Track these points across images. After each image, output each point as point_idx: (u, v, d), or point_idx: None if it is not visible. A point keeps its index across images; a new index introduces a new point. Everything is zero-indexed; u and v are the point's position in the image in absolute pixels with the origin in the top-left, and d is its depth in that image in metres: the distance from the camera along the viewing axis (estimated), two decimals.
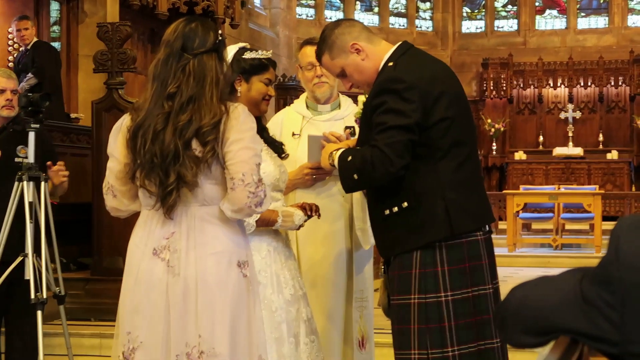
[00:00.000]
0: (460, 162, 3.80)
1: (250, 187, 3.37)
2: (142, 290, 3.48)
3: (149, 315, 3.45)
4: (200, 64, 3.50)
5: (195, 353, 3.38)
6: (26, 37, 10.06)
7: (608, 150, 19.28)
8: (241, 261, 3.49)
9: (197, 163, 3.40)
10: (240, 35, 14.77)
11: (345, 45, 3.94)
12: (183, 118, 3.41)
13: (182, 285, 3.41)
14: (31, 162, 5.52)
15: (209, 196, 3.46)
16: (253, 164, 3.40)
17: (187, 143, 3.40)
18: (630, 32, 20.64)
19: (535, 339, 1.97)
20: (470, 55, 20.89)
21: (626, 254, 1.81)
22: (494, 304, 3.83)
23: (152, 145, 3.43)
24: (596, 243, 13.86)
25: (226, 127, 3.41)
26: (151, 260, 3.47)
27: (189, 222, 3.46)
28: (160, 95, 3.47)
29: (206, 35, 3.55)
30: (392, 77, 3.77)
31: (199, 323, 3.39)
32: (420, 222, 3.75)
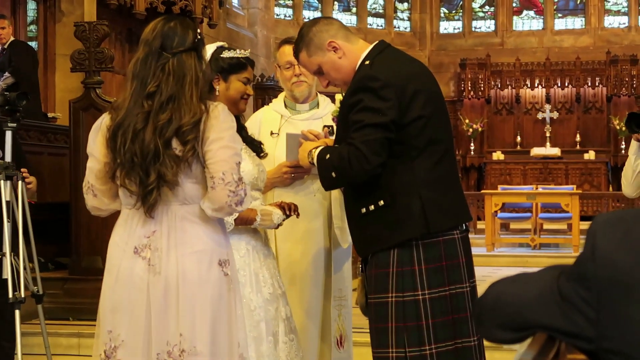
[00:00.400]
0: (436, 160, 3.81)
1: (231, 185, 3.37)
2: (122, 289, 3.48)
3: (130, 313, 3.45)
4: (180, 62, 3.49)
5: (177, 351, 3.38)
6: (3, 36, 10.01)
7: (585, 150, 19.36)
8: (222, 260, 3.49)
9: (178, 162, 3.39)
10: (218, 35, 14.75)
11: (323, 42, 3.94)
12: (163, 117, 3.41)
13: (163, 283, 3.41)
14: (8, 161, 5.49)
15: (190, 195, 3.46)
16: (233, 162, 3.40)
17: (167, 142, 3.39)
18: (607, 33, 20.74)
19: (512, 335, 1.98)
20: (448, 56, 20.94)
21: (602, 250, 1.82)
22: (471, 302, 3.84)
23: (132, 145, 3.42)
24: (574, 243, 13.91)
25: (206, 126, 3.41)
26: (132, 259, 3.47)
27: (170, 221, 3.46)
28: (140, 94, 3.47)
29: (185, 34, 3.54)
30: (368, 75, 3.78)
31: (180, 322, 3.39)
32: (397, 220, 3.76)
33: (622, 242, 1.81)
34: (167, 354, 3.38)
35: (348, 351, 4.91)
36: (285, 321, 4.16)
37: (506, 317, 1.97)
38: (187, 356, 3.37)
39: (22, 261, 5.51)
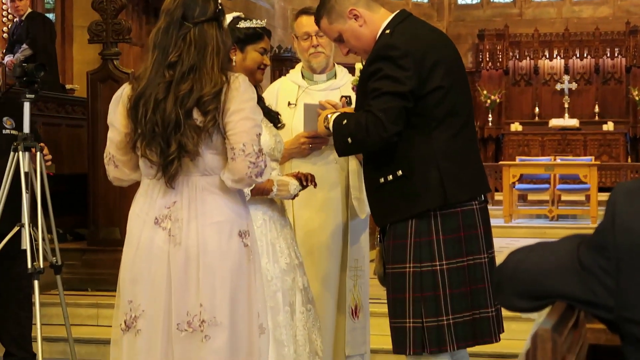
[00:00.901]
0: (455, 131, 3.81)
1: (251, 157, 3.37)
2: (143, 260, 3.49)
3: (150, 284, 3.46)
4: (201, 32, 3.48)
5: (197, 322, 3.39)
6: (20, 8, 10.01)
7: (604, 121, 19.25)
8: (242, 231, 3.50)
9: (198, 132, 3.39)
10: (235, 6, 14.70)
11: (344, 10, 3.93)
12: (184, 87, 3.41)
13: (183, 254, 3.42)
14: (27, 132, 5.51)
15: (210, 166, 3.46)
16: (254, 134, 3.40)
17: (188, 112, 3.39)
18: (627, 3, 20.56)
19: (530, 304, 1.97)
20: (466, 27, 20.82)
21: (622, 219, 1.81)
22: (489, 273, 3.84)
23: (153, 115, 3.42)
24: (592, 214, 13.86)
25: (227, 98, 3.40)
26: (152, 230, 3.48)
27: (190, 191, 3.46)
28: (161, 64, 3.46)
29: (206, 3, 3.53)
30: (388, 44, 3.77)
31: (200, 292, 3.40)
32: (415, 191, 3.76)
33: None
34: (187, 324, 3.39)
35: (363, 321, 4.91)
36: (303, 291, 4.17)
37: (525, 286, 1.97)
38: (207, 327, 3.38)
39: (40, 232, 5.54)
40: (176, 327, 3.41)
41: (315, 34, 4.79)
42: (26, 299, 5.82)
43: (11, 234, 5.47)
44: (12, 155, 5.47)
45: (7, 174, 5.48)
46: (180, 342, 3.40)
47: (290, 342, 4.05)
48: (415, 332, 3.77)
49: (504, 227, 13.64)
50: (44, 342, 5.60)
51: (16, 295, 5.82)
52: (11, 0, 10.07)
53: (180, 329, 3.40)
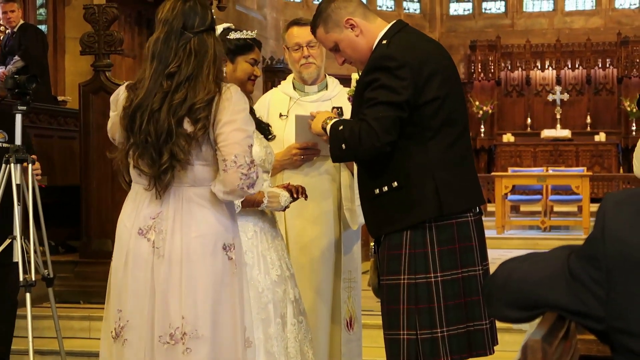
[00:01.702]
0: (450, 142, 3.80)
1: (243, 168, 3.36)
2: (128, 270, 3.49)
3: (136, 294, 3.47)
4: (201, 42, 3.50)
5: (179, 334, 3.39)
6: (12, 19, 10.00)
7: (596, 132, 19.30)
8: (227, 244, 3.50)
9: (189, 141, 3.40)
10: (227, 17, 14.72)
11: (341, 20, 3.92)
12: (178, 96, 3.41)
13: (166, 266, 3.42)
14: (18, 144, 5.50)
15: (199, 177, 3.46)
16: (245, 145, 3.40)
17: (180, 120, 3.40)
18: (618, 14, 20.64)
19: (522, 314, 1.97)
20: (458, 38, 20.86)
21: (612, 230, 1.81)
22: (481, 285, 3.83)
23: (147, 125, 3.43)
24: (584, 225, 13.87)
25: (218, 108, 3.40)
26: (137, 240, 3.48)
27: (176, 202, 3.46)
28: (160, 74, 3.47)
29: (205, 13, 3.55)
30: (385, 54, 3.76)
31: (182, 305, 3.40)
32: (410, 202, 3.74)
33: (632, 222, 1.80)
34: (169, 337, 3.39)
35: (357, 333, 4.90)
36: (294, 303, 4.16)
37: (516, 296, 1.97)
38: (189, 339, 3.38)
39: (32, 244, 5.53)
40: (158, 339, 3.41)
41: (307, 45, 4.79)
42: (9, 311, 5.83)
43: (3, 247, 5.45)
44: (4, 168, 5.46)
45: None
46: (162, 354, 3.41)
47: (282, 354, 4.04)
48: (409, 344, 3.75)
49: (497, 239, 13.63)
50: (36, 355, 5.58)
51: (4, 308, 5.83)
52: (3, 12, 10.07)
53: (162, 341, 3.40)
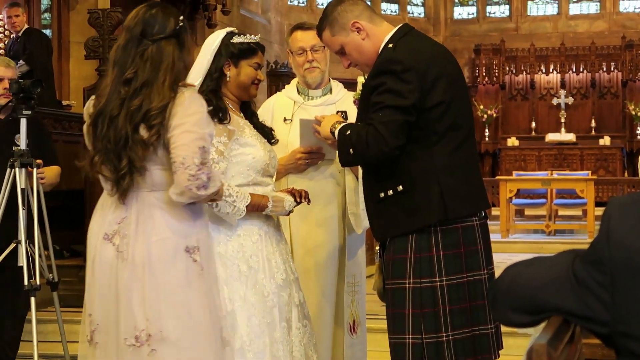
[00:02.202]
0: (456, 146, 3.79)
1: (191, 169, 3.38)
2: (96, 274, 3.57)
3: (102, 298, 3.54)
4: (159, 49, 3.54)
5: (144, 336, 3.44)
6: (17, 24, 10.02)
7: (600, 136, 19.28)
8: (190, 247, 3.53)
9: (144, 147, 3.45)
10: (231, 21, 14.74)
11: (347, 22, 3.92)
12: (135, 103, 3.47)
13: (129, 270, 3.47)
14: (23, 148, 5.51)
15: (157, 182, 3.51)
16: (195, 146, 3.41)
17: (136, 127, 3.45)
18: (622, 17, 20.62)
19: (527, 318, 1.97)
20: (462, 42, 20.86)
21: (616, 234, 1.81)
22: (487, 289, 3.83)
23: (107, 131, 3.50)
24: (589, 229, 13.86)
25: (171, 113, 3.44)
26: (103, 245, 3.55)
27: (139, 207, 3.52)
28: (119, 81, 3.53)
29: (166, 21, 3.58)
30: (391, 58, 3.75)
31: (146, 307, 3.45)
32: (415, 206, 3.74)
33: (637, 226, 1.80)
34: (135, 339, 3.44)
35: (361, 337, 4.90)
36: (299, 307, 4.15)
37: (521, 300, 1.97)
38: (154, 341, 3.44)
39: (37, 249, 5.53)
40: (124, 341, 3.46)
41: (310, 49, 4.79)
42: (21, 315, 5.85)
43: (7, 251, 5.46)
44: (9, 172, 5.47)
45: (3, 191, 5.48)
46: (128, 355, 3.46)
47: (287, 359, 4.04)
48: (414, 348, 3.75)
49: (501, 242, 13.63)
50: (41, 359, 5.59)
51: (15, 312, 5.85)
52: (8, 16, 10.09)
53: (128, 343, 3.46)
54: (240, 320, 3.92)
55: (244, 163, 4.05)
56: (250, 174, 4.07)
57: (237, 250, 4.00)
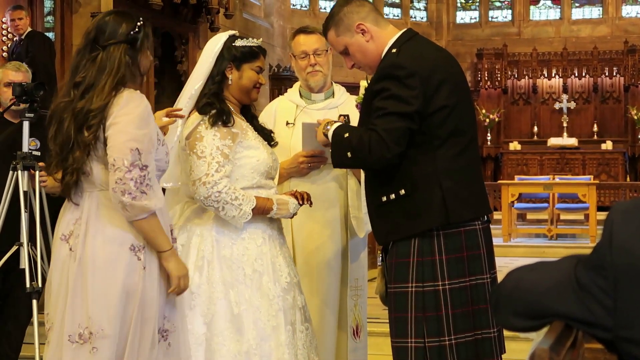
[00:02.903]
0: (458, 151, 3.80)
1: (119, 172, 3.43)
2: (52, 274, 3.66)
3: (56, 297, 3.63)
4: (107, 54, 3.61)
5: (87, 333, 3.50)
6: (20, 26, 10.03)
7: (602, 140, 19.27)
8: (136, 245, 3.56)
9: (84, 148, 3.52)
10: (234, 25, 14.74)
11: (352, 24, 3.93)
12: (79, 105, 3.54)
13: (77, 268, 3.54)
14: (26, 151, 5.51)
15: (103, 181, 3.57)
16: (126, 148, 3.44)
17: (80, 128, 3.53)
18: (625, 22, 20.62)
19: (529, 323, 1.97)
20: (464, 46, 20.86)
21: (619, 239, 1.81)
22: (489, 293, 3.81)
23: (58, 134, 3.60)
24: (591, 233, 13.86)
25: (108, 114, 3.51)
26: (60, 245, 3.64)
27: (90, 207, 3.59)
28: (69, 85, 3.63)
29: (117, 27, 3.65)
30: (395, 63, 3.76)
31: (88, 305, 3.50)
32: (417, 210, 3.75)
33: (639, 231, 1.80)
34: (79, 336, 3.50)
35: (364, 341, 4.90)
36: (301, 310, 4.16)
37: (523, 305, 1.97)
38: (95, 338, 3.49)
39: (39, 251, 5.53)
40: (68, 337, 3.53)
41: (313, 53, 4.80)
42: (26, 317, 5.86)
43: (9, 253, 5.47)
44: (12, 175, 5.48)
45: (5, 193, 5.49)
46: (71, 353, 3.53)
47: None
48: (417, 352, 3.75)
49: (503, 246, 13.62)
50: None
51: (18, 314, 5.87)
52: (11, 19, 10.09)
53: (72, 340, 3.52)
54: (246, 323, 3.92)
55: (248, 166, 4.06)
56: (255, 177, 4.07)
57: (241, 253, 4.00)
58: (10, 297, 5.84)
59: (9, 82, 5.96)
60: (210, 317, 3.90)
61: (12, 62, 6.42)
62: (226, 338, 3.88)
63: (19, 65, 6.18)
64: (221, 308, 3.91)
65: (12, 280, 5.73)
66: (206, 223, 4.03)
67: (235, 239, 4.01)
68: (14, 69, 6.06)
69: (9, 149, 5.64)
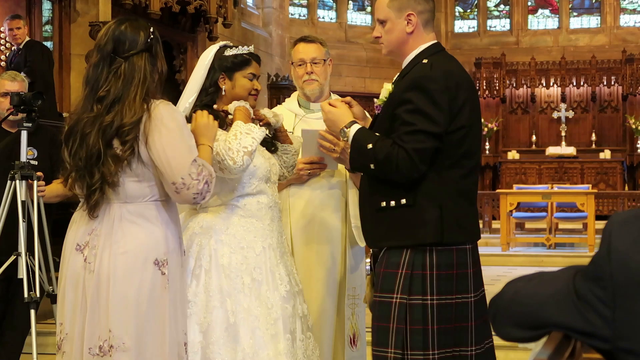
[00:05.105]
0: (465, 173, 3.80)
1: (193, 188, 3.52)
2: (67, 284, 3.65)
3: (71, 308, 3.62)
4: (131, 65, 3.59)
5: (107, 346, 3.51)
6: (18, 36, 10.03)
7: (601, 149, 19.30)
8: (160, 259, 3.59)
9: (116, 162, 3.51)
10: (232, 34, 14.77)
11: (406, 7, 3.87)
12: (107, 119, 3.52)
13: (95, 281, 3.54)
14: (23, 160, 5.51)
15: (131, 194, 3.57)
16: (188, 163, 3.51)
17: (109, 142, 3.51)
18: (623, 31, 20.66)
19: (527, 333, 1.97)
20: (463, 55, 20.87)
21: (618, 249, 1.81)
22: (474, 313, 3.83)
23: (79, 149, 3.57)
24: (589, 242, 13.87)
25: (146, 128, 3.50)
26: (73, 255, 3.63)
27: (109, 220, 3.58)
28: (90, 99, 3.59)
29: (136, 35, 3.63)
30: (428, 75, 3.73)
31: (109, 318, 3.51)
32: (413, 222, 3.74)
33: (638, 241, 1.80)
34: (99, 349, 3.51)
35: (361, 350, 4.90)
36: (302, 319, 4.15)
37: (522, 316, 1.96)
38: (115, 352, 3.50)
39: (37, 261, 5.53)
40: (88, 351, 3.53)
41: (310, 61, 4.80)
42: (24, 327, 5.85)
43: (7, 263, 5.47)
44: (9, 184, 5.48)
45: (4, 203, 5.49)
46: None
47: None
48: None
49: (502, 256, 13.63)
50: None
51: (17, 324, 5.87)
52: (9, 29, 10.10)
53: (92, 353, 3.53)
54: (242, 332, 3.92)
55: (246, 173, 4.05)
56: (253, 183, 4.08)
57: (240, 262, 4.00)
58: (9, 306, 5.84)
59: (5, 92, 5.97)
60: (206, 326, 3.90)
61: (8, 72, 6.42)
62: (221, 347, 3.88)
63: (15, 75, 6.18)
64: (217, 317, 3.91)
65: (13, 290, 5.74)
66: (206, 232, 4.04)
67: (234, 248, 4.02)
68: (10, 78, 6.06)
69: (7, 159, 5.64)
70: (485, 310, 3.88)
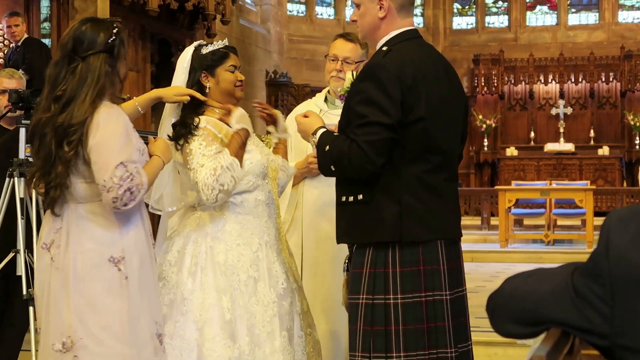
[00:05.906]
0: (429, 168, 3.63)
1: (112, 191, 3.48)
2: (36, 282, 3.74)
3: (40, 304, 3.70)
4: (87, 65, 3.61)
5: (69, 342, 3.56)
6: (16, 33, 10.03)
7: (599, 146, 19.31)
8: (115, 257, 3.61)
9: (64, 163, 3.54)
10: (231, 31, 14.75)
11: None
12: (59, 119, 3.55)
13: (59, 278, 3.60)
14: (22, 157, 5.51)
15: (82, 195, 3.62)
16: (112, 166, 3.49)
17: (60, 143, 3.55)
18: (621, 28, 20.66)
19: (526, 330, 1.97)
20: (461, 52, 20.89)
21: (616, 246, 1.81)
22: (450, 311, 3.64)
23: (41, 149, 3.61)
24: (588, 239, 13.87)
25: (88, 130, 3.52)
26: (41, 253, 3.70)
27: (70, 218, 3.64)
28: (49, 98, 3.62)
29: (95, 36, 3.64)
30: (379, 63, 3.62)
31: (70, 315, 3.56)
32: (371, 219, 3.62)
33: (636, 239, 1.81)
34: (62, 345, 3.57)
35: None
36: (301, 315, 4.15)
37: (520, 312, 1.97)
38: (76, 348, 3.56)
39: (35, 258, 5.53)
40: (51, 346, 3.60)
41: (343, 59, 4.82)
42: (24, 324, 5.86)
43: (6, 260, 5.47)
44: (8, 181, 5.48)
45: (2, 200, 5.49)
46: None
47: None
48: None
49: (500, 252, 13.63)
50: None
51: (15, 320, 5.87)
52: (7, 26, 10.09)
53: (55, 349, 3.59)
54: (240, 329, 3.92)
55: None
56: (250, 179, 4.08)
57: (236, 259, 4.00)
58: (8, 303, 5.84)
59: (3, 89, 5.97)
60: (202, 323, 3.90)
61: (6, 69, 6.43)
62: (217, 344, 3.88)
63: (13, 72, 6.18)
64: (213, 314, 3.91)
65: (11, 287, 5.74)
66: (202, 230, 4.04)
67: (230, 245, 4.01)
68: (8, 76, 6.07)
69: (5, 156, 5.64)
70: (464, 310, 3.75)
